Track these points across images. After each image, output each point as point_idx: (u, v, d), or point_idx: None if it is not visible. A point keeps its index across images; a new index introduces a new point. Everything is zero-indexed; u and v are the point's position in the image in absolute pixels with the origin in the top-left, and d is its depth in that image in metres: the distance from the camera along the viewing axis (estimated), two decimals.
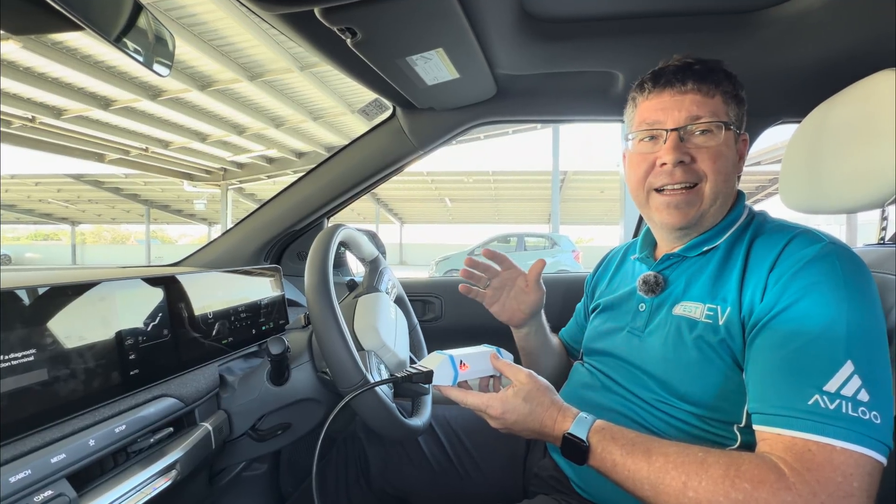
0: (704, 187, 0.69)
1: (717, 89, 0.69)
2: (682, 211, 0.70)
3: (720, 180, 0.69)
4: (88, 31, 0.57)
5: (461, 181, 15.87)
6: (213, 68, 6.19)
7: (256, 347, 0.94)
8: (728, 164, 0.69)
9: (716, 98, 0.69)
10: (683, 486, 0.53)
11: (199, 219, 21.37)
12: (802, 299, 0.57)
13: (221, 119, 8.20)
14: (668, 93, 0.71)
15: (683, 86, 0.69)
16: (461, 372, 0.71)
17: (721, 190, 0.69)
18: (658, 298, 0.74)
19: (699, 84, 0.69)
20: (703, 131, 0.69)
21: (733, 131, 0.70)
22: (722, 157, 0.68)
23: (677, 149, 0.68)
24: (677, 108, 0.69)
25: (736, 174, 0.72)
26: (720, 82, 0.70)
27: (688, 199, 0.70)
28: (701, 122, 0.68)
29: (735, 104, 0.71)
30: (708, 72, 0.70)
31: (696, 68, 0.70)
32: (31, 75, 6.02)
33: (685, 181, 0.69)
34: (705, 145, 0.69)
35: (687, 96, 0.69)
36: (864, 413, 0.50)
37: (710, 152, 0.68)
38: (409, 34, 0.79)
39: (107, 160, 9.85)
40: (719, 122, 0.68)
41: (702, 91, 0.69)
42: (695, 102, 0.69)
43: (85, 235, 30.48)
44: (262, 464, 1.06)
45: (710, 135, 0.69)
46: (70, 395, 0.55)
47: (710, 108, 0.69)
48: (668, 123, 0.70)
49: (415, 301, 1.41)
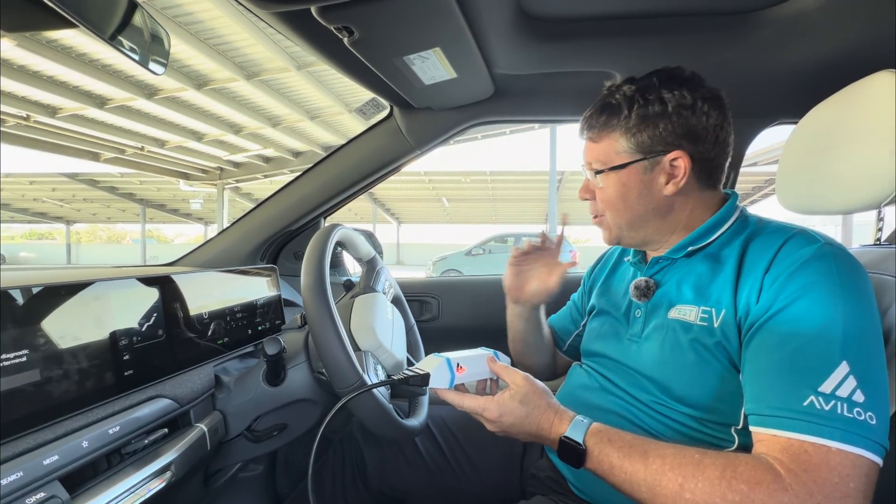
0: (607, 218, 0.78)
1: (607, 131, 0.73)
2: (602, 233, 0.81)
3: (614, 213, 0.76)
4: (83, 29, 0.56)
5: (458, 181, 15.87)
6: (210, 67, 6.16)
7: (252, 348, 0.93)
8: (616, 200, 0.74)
9: (604, 142, 0.74)
10: (680, 488, 0.53)
11: (196, 218, 21.28)
12: (798, 300, 0.57)
13: (218, 118, 8.16)
14: (580, 138, 0.80)
15: (581, 134, 0.78)
16: (458, 375, 0.71)
17: (619, 221, 0.76)
18: (651, 302, 0.75)
19: (590, 132, 0.76)
20: (592, 176, 0.77)
21: (636, 163, 0.71)
22: (607, 197, 0.75)
23: (582, 189, 0.80)
24: (584, 153, 0.79)
25: (641, 202, 0.73)
26: (609, 121, 0.73)
27: (600, 223, 0.80)
28: (589, 167, 0.76)
29: (642, 130, 0.70)
30: (597, 115, 0.74)
31: (590, 114, 0.76)
32: (25, 73, 5.97)
33: (593, 213, 0.80)
34: (597, 187, 0.77)
35: (584, 144, 0.78)
36: (860, 414, 0.50)
37: (600, 193, 0.77)
38: (407, 33, 0.79)
39: (102, 159, 9.79)
40: (597, 171, 0.75)
41: (593, 139, 0.76)
42: (587, 151, 0.77)
43: (80, 235, 30.32)
44: (257, 465, 1.06)
45: (599, 177, 0.75)
46: (63, 396, 0.54)
47: (595, 155, 0.75)
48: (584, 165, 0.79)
49: (412, 301, 1.41)
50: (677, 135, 0.69)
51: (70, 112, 7.30)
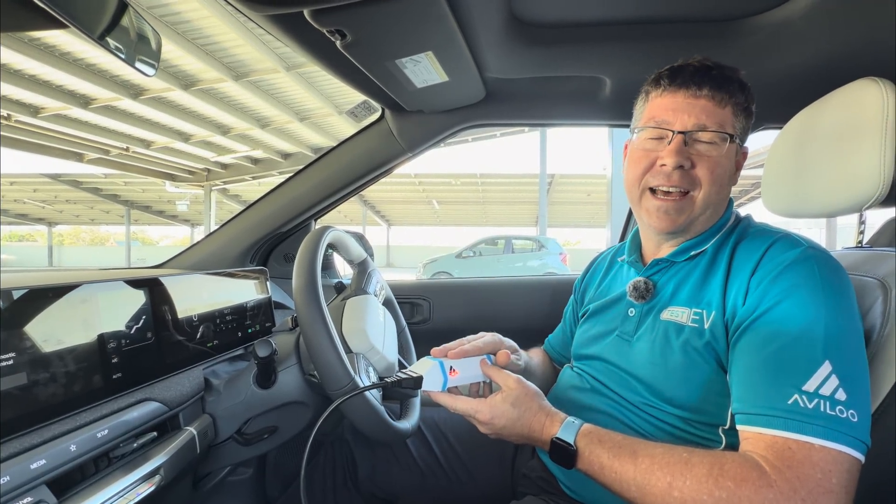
0: (697, 195, 0.69)
1: (729, 100, 0.69)
2: (671, 217, 0.71)
3: (713, 191, 0.69)
4: (71, 29, 0.56)
5: (449, 183, 15.91)
6: (197, 67, 6.09)
7: (242, 350, 0.93)
8: (724, 176, 0.70)
9: (726, 109, 0.69)
10: (669, 486, 0.54)
11: (182, 220, 21.00)
12: (782, 302, 0.58)
13: (205, 119, 8.07)
14: (682, 94, 0.70)
15: (699, 90, 0.68)
16: (451, 378, 0.71)
17: (713, 200, 0.70)
18: (647, 304, 0.75)
19: (713, 91, 0.68)
20: (708, 140, 0.68)
21: (736, 143, 0.71)
22: (720, 168, 0.69)
23: (680, 152, 0.68)
24: (688, 112, 0.68)
25: (730, 185, 0.73)
26: (734, 93, 0.69)
27: (678, 206, 0.70)
28: (708, 130, 0.68)
29: (744, 116, 0.71)
30: (724, 80, 0.69)
31: (714, 74, 0.69)
32: (6, 72, 5.86)
33: (680, 186, 0.69)
34: (707, 154, 0.68)
35: (700, 101, 0.69)
36: (842, 411, 0.51)
37: (709, 162, 0.68)
38: (399, 37, 0.79)
39: (86, 160, 9.62)
40: (724, 134, 0.68)
41: (714, 99, 0.68)
42: (706, 110, 0.68)
43: (62, 236, 29.74)
44: (247, 468, 1.05)
45: (714, 145, 0.68)
46: (50, 400, 0.53)
47: (718, 119, 0.68)
48: (676, 125, 0.69)
49: (403, 303, 1.41)
50: (746, 134, 0.73)
51: (53, 112, 7.18)
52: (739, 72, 0.71)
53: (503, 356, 0.75)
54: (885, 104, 0.67)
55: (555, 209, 18.01)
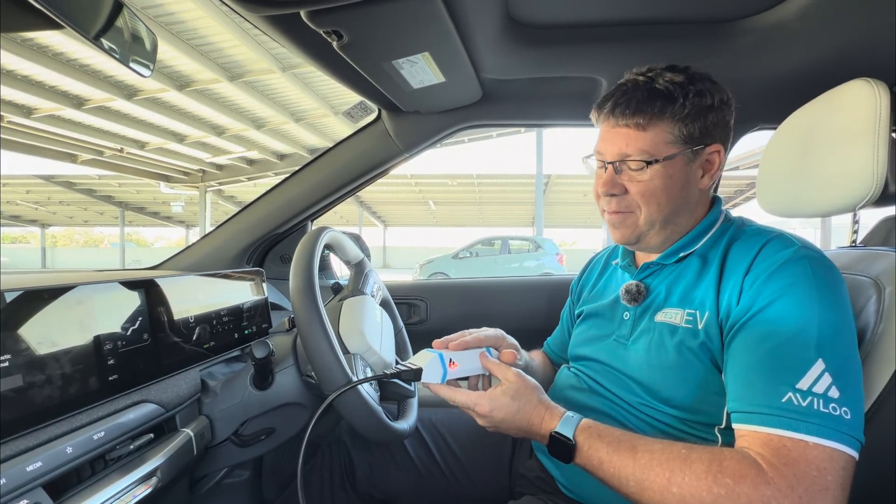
0: (638, 215, 0.72)
1: (656, 119, 0.68)
2: (619, 230, 0.74)
3: (652, 210, 0.71)
4: (64, 29, 0.56)
5: (445, 184, 15.90)
6: (192, 68, 6.06)
7: (239, 352, 0.92)
8: (661, 194, 0.70)
9: (651, 130, 0.68)
10: (668, 482, 0.54)
11: (177, 221, 20.89)
12: (776, 301, 0.59)
13: (200, 120, 8.03)
14: (608, 124, 0.72)
15: (618, 120, 0.70)
16: (450, 370, 0.71)
17: (655, 218, 0.71)
18: (641, 307, 0.76)
19: (633, 118, 0.68)
20: (634, 167, 0.70)
21: (682, 154, 0.69)
22: (651, 190, 0.70)
23: (608, 183, 0.72)
24: (612, 142, 0.71)
25: (682, 196, 0.71)
26: (662, 109, 0.68)
27: (622, 220, 0.73)
28: (630, 159, 0.69)
29: (690, 121, 0.68)
30: (647, 100, 0.68)
31: (638, 96, 0.68)
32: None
33: (618, 210, 0.73)
34: (637, 179, 0.70)
35: (621, 131, 0.70)
36: (835, 409, 0.52)
37: (640, 186, 0.70)
38: (396, 38, 0.79)
39: (79, 161, 9.55)
40: (645, 161, 0.68)
41: (636, 126, 0.69)
42: (627, 138, 0.69)
43: (56, 238, 29.53)
44: (244, 470, 1.05)
45: (640, 171, 0.69)
46: (46, 402, 0.53)
47: (639, 145, 0.69)
48: (607, 156, 0.72)
49: (400, 304, 1.41)
50: (717, 129, 0.71)
51: (46, 112, 7.12)
52: (686, 72, 0.70)
53: (508, 356, 0.75)
54: (878, 105, 0.67)
55: (551, 210, 18.04)
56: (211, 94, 7.03)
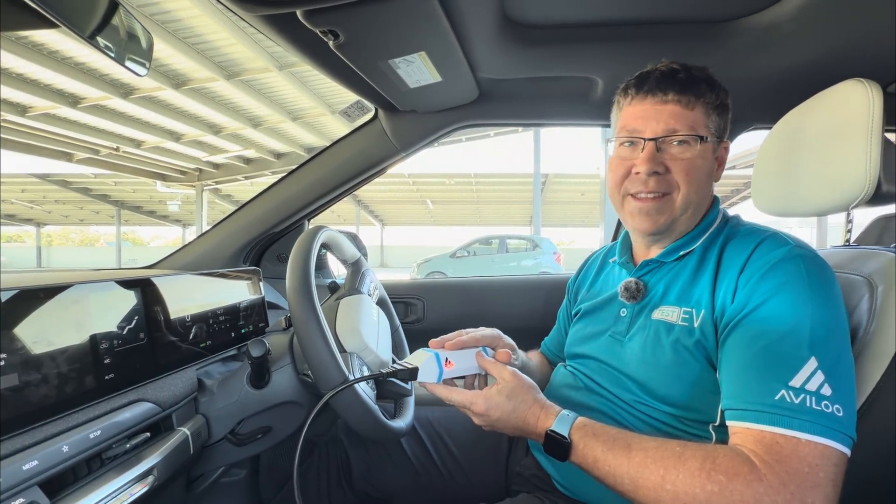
0: (676, 197, 0.71)
1: (697, 101, 0.70)
2: (652, 218, 0.72)
3: (692, 191, 0.70)
4: (60, 27, 0.56)
5: (443, 183, 15.90)
6: (189, 66, 6.04)
7: (235, 351, 0.92)
8: (701, 175, 0.70)
9: (695, 110, 0.70)
10: (662, 480, 0.54)
11: (173, 220, 20.81)
12: (770, 300, 0.59)
13: (197, 118, 8.00)
14: (650, 101, 0.71)
15: (664, 96, 0.70)
16: (446, 370, 0.71)
17: (692, 200, 0.71)
18: (639, 304, 0.76)
19: (680, 95, 0.69)
20: (680, 142, 0.69)
21: (712, 142, 0.71)
22: (695, 169, 0.70)
23: (652, 159, 0.70)
24: (656, 119, 0.70)
25: (711, 182, 0.74)
26: (702, 93, 0.70)
27: (658, 207, 0.71)
28: (677, 134, 0.69)
29: (717, 114, 0.71)
30: (690, 82, 0.69)
31: (680, 77, 0.70)
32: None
33: (657, 190, 0.71)
34: (680, 157, 0.69)
35: (667, 107, 0.70)
36: (828, 406, 0.53)
37: (684, 164, 0.69)
38: (392, 37, 0.80)
39: (75, 159, 9.50)
40: (695, 136, 0.69)
41: (682, 103, 0.69)
42: (673, 115, 0.69)
43: (51, 237, 29.38)
44: (241, 469, 1.05)
45: (686, 147, 0.69)
46: (42, 401, 0.53)
47: (687, 121, 0.69)
48: (647, 133, 0.71)
49: (397, 303, 1.41)
50: (728, 126, 0.74)
51: (41, 111, 7.08)
52: (707, 70, 0.72)
53: (503, 355, 0.75)
54: (871, 105, 0.68)
55: (549, 209, 18.06)
56: (207, 93, 7.01)
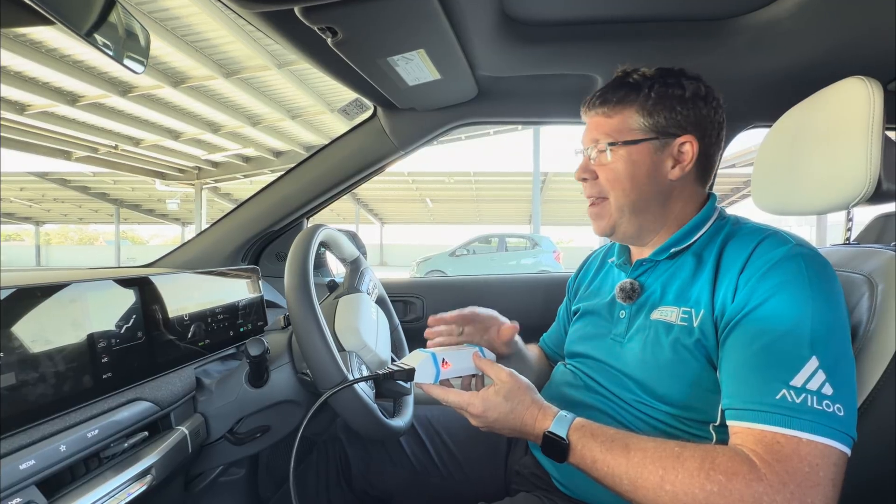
0: (610, 201, 0.75)
1: (621, 107, 0.73)
2: (597, 222, 0.78)
3: (618, 194, 0.74)
4: (58, 25, 0.55)
5: (442, 181, 15.87)
6: (187, 64, 6.02)
7: (234, 350, 0.92)
8: (625, 179, 0.73)
9: (616, 117, 0.73)
10: (661, 480, 0.54)
11: (172, 219, 20.78)
12: (770, 299, 0.59)
13: (195, 116, 7.98)
14: (586, 117, 0.79)
15: (591, 110, 0.76)
16: (443, 370, 0.71)
17: (624, 202, 0.74)
18: (636, 305, 0.76)
19: (601, 107, 0.75)
20: (601, 151, 0.74)
21: (648, 142, 0.72)
22: (615, 174, 0.73)
23: (579, 168, 0.78)
24: (587, 131, 0.77)
25: (655, 182, 0.73)
26: (624, 98, 0.73)
27: (597, 211, 0.77)
28: (598, 144, 0.74)
29: (655, 111, 0.72)
30: (613, 91, 0.74)
31: (608, 87, 0.75)
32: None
33: (591, 195, 0.77)
34: (603, 164, 0.75)
35: (593, 120, 0.76)
36: (829, 406, 0.52)
37: (605, 170, 0.74)
38: (391, 34, 0.79)
39: (73, 158, 9.48)
40: (610, 143, 0.73)
41: (604, 113, 0.75)
42: (596, 126, 0.75)
43: (50, 236, 29.34)
44: (239, 468, 1.04)
45: (603, 154, 0.74)
46: (40, 400, 0.53)
47: (606, 130, 0.74)
48: (582, 144, 0.78)
49: (396, 302, 1.41)
50: (690, 121, 0.73)
51: (39, 109, 7.06)
52: (644, 71, 0.74)
53: (510, 329, 0.84)
54: (872, 103, 0.68)
55: (548, 207, 18.05)
56: (206, 91, 6.99)
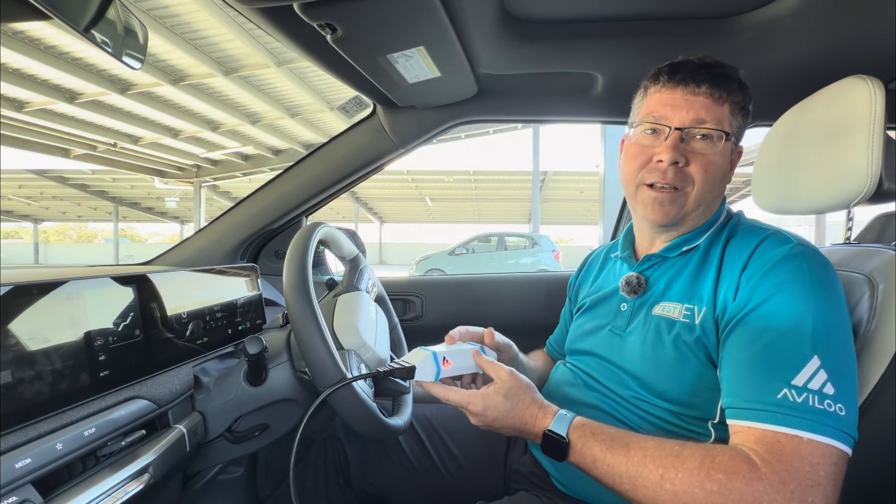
0: (690, 192, 0.70)
1: (727, 97, 0.69)
2: (665, 209, 0.71)
3: (706, 188, 0.69)
4: (53, 21, 0.55)
5: (442, 180, 15.86)
6: (187, 62, 6.01)
7: (232, 348, 0.92)
8: (717, 174, 0.70)
9: (724, 106, 0.69)
10: (661, 479, 0.54)
11: (171, 217, 20.75)
12: (772, 298, 0.59)
13: (195, 114, 7.97)
14: (681, 90, 0.70)
15: (697, 87, 0.69)
16: (444, 369, 0.71)
17: (705, 198, 0.70)
18: (640, 299, 0.76)
19: (712, 89, 0.68)
20: (704, 136, 0.69)
21: (732, 142, 0.71)
22: (713, 167, 0.69)
23: (675, 149, 0.68)
24: (686, 108, 0.69)
25: (724, 183, 0.73)
26: (732, 91, 0.69)
27: (673, 198, 0.70)
28: (705, 126, 0.68)
29: (741, 115, 0.71)
30: (724, 78, 0.69)
31: (714, 71, 0.69)
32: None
33: (674, 183, 0.70)
34: (702, 151, 0.69)
35: (698, 98, 0.69)
36: (830, 405, 0.52)
37: (704, 159, 0.69)
38: (390, 31, 0.79)
39: (72, 155, 9.46)
40: (721, 132, 0.68)
41: (713, 96, 0.68)
42: (704, 106, 0.68)
43: (48, 233, 29.31)
44: (238, 466, 1.04)
45: (710, 142, 0.69)
46: (36, 398, 0.53)
47: (716, 115, 0.68)
48: (674, 121, 0.69)
49: (395, 300, 1.40)
50: (742, 133, 0.73)
51: (38, 107, 7.04)
52: (739, 71, 0.71)
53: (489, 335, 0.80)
54: (873, 101, 0.67)
55: (548, 206, 18.04)
56: (205, 89, 6.98)
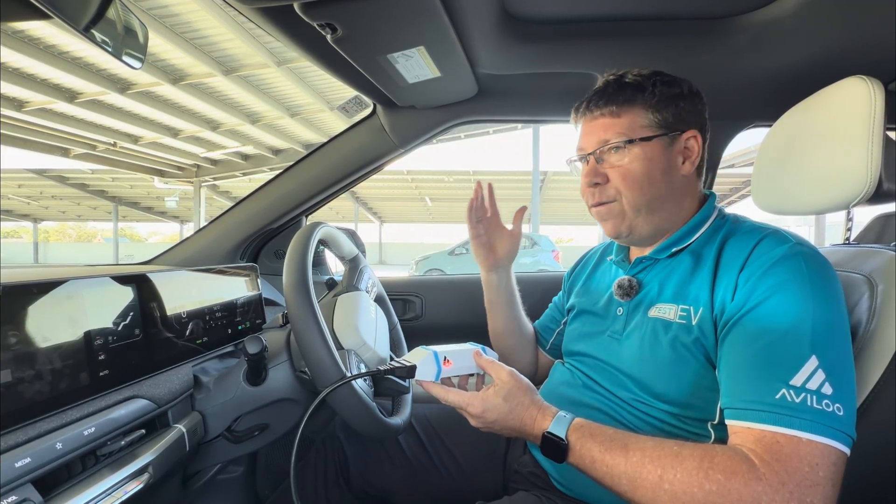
0: (623, 201, 0.74)
1: (628, 105, 0.72)
2: (608, 223, 0.76)
3: (635, 194, 0.72)
4: (53, 20, 0.55)
5: (442, 180, 15.86)
6: (187, 62, 6.01)
7: (232, 347, 0.92)
8: (640, 177, 0.72)
9: (625, 116, 0.73)
10: (659, 479, 0.54)
11: (171, 216, 20.75)
12: (770, 298, 0.59)
13: (195, 114, 7.96)
14: (585, 120, 0.77)
15: (594, 113, 0.75)
16: (444, 368, 0.71)
17: (640, 202, 0.73)
18: (633, 301, 0.76)
19: (606, 108, 0.74)
20: (617, 149, 0.73)
21: (659, 139, 0.72)
22: (632, 172, 0.72)
23: (589, 173, 0.75)
24: (591, 134, 0.75)
25: (669, 179, 0.73)
26: (630, 97, 0.73)
27: (608, 211, 0.75)
28: (610, 143, 0.73)
29: (662, 108, 0.72)
30: (616, 92, 0.73)
31: (608, 90, 0.74)
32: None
33: (601, 200, 0.75)
34: (617, 164, 0.73)
35: (598, 121, 0.75)
36: (828, 405, 0.52)
37: (621, 170, 0.73)
38: (391, 31, 0.79)
39: (72, 155, 9.46)
40: (626, 140, 0.72)
41: (610, 114, 0.73)
42: (603, 127, 0.74)
43: (48, 233, 29.31)
44: (237, 466, 1.04)
45: (621, 152, 0.72)
46: (36, 397, 0.53)
47: (618, 129, 0.72)
48: (587, 148, 0.76)
49: (395, 300, 1.40)
50: (692, 116, 0.74)
51: (38, 106, 7.03)
52: (642, 71, 0.75)
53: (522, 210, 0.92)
54: (873, 102, 0.67)
55: (547, 206, 18.04)
56: (205, 89, 6.98)
